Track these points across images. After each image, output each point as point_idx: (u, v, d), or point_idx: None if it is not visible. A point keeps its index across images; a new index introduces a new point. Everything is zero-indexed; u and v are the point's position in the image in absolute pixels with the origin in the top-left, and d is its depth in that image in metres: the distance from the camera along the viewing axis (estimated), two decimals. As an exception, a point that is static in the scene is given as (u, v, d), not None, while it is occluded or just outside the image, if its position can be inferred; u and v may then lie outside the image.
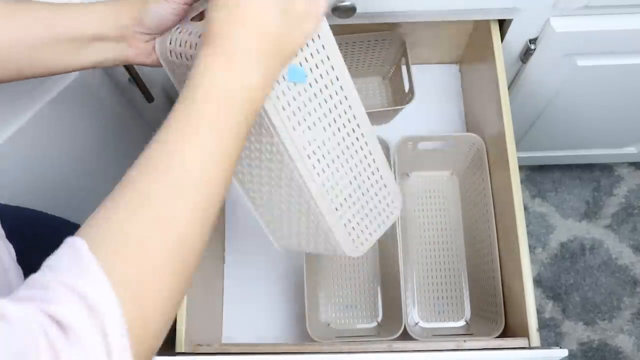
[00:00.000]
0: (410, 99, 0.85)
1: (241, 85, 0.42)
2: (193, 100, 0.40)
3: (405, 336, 0.74)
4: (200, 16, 0.53)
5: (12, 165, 0.71)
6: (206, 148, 0.39)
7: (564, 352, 0.63)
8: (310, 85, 0.52)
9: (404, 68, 0.90)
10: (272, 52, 0.44)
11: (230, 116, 0.41)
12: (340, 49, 0.90)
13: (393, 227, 0.80)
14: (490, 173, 0.81)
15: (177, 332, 0.69)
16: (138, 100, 0.83)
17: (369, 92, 0.99)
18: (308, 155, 0.53)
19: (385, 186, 0.61)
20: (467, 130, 0.94)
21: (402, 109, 0.88)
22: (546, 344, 1.26)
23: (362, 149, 0.58)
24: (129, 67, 0.74)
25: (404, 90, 0.90)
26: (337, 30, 0.89)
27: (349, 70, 0.58)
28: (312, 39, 0.50)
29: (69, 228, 0.74)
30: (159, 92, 0.87)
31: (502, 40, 0.81)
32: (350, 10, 0.72)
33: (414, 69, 0.87)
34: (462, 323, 0.86)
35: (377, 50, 0.92)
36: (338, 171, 0.56)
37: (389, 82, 0.99)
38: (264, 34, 0.44)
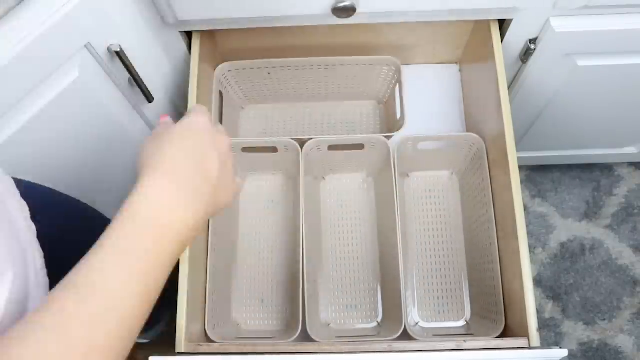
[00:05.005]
0: (401, 127, 0.84)
1: (181, 222, 0.42)
2: (132, 226, 0.40)
3: (405, 336, 0.74)
4: None
5: (8, 169, 0.71)
6: (133, 279, 0.38)
7: (564, 352, 0.63)
8: None
9: (397, 94, 0.89)
10: (210, 200, 0.46)
11: (162, 251, 0.41)
12: (336, 71, 0.90)
13: (393, 227, 0.80)
14: (490, 173, 0.81)
15: (177, 332, 0.69)
16: (138, 100, 0.83)
17: (363, 115, 0.98)
18: None
19: None
20: (467, 130, 0.94)
21: (392, 136, 0.86)
22: (546, 344, 1.26)
23: None
24: (128, 67, 0.74)
25: (396, 117, 0.90)
26: (336, 51, 0.89)
27: (344, 93, 0.55)
28: None
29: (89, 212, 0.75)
30: (159, 92, 0.87)
31: (502, 40, 0.81)
32: (351, 10, 0.72)
33: (414, 68, 0.87)
34: (462, 323, 0.86)
35: (373, 74, 0.92)
36: None
37: (383, 107, 0.98)
38: (207, 177, 0.46)
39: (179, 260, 0.72)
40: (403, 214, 0.88)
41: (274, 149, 0.87)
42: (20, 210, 0.51)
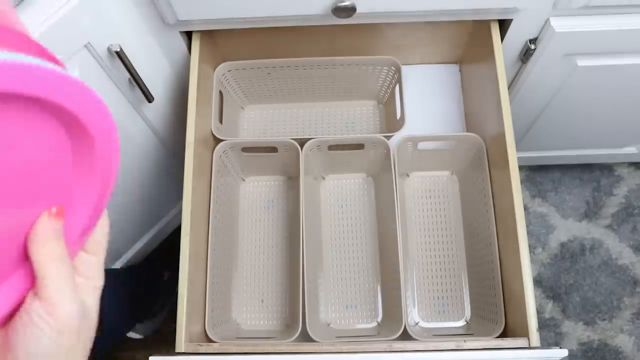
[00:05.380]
0: (401, 127, 0.85)
1: None
2: None
3: (405, 336, 0.74)
4: None
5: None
6: None
7: (564, 352, 0.63)
8: None
9: (397, 94, 0.89)
10: None
11: None
12: (336, 71, 0.89)
13: (393, 226, 0.80)
14: (490, 173, 0.81)
15: (177, 332, 0.69)
16: (138, 100, 0.83)
17: (363, 115, 0.98)
18: None
19: None
20: (467, 130, 0.94)
21: (392, 136, 0.86)
22: (546, 344, 1.26)
23: None
24: (128, 67, 0.74)
25: (396, 117, 0.90)
26: (336, 51, 0.89)
27: (344, 93, 0.53)
28: None
29: None
30: (159, 92, 0.87)
31: (502, 40, 0.81)
32: (351, 10, 0.72)
33: (414, 68, 0.87)
34: (462, 323, 0.86)
35: (373, 74, 0.92)
36: None
37: (383, 107, 0.98)
38: None
39: (179, 259, 0.72)
40: (403, 214, 0.88)
41: (274, 149, 0.87)
42: None
